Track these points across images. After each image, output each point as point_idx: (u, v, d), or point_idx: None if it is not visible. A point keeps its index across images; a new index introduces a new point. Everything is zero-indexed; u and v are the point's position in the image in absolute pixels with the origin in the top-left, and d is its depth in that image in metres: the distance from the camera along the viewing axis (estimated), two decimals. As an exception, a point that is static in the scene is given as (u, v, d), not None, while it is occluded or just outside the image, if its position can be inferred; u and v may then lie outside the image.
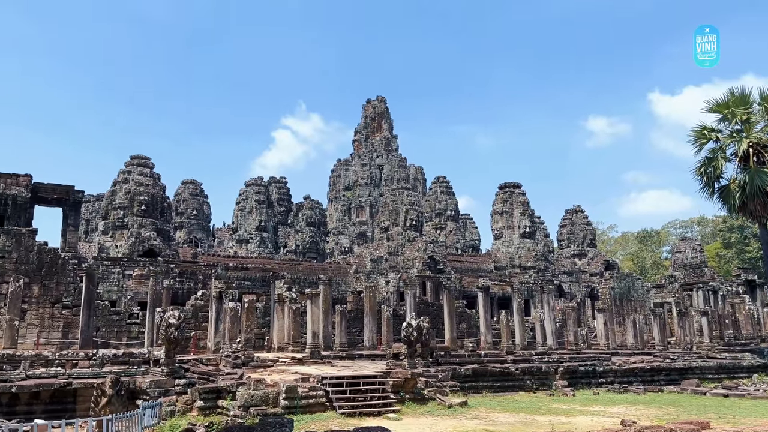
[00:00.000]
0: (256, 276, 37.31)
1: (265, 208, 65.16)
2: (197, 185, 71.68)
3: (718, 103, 28.05)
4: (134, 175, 44.75)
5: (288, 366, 20.48)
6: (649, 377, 26.26)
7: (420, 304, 33.40)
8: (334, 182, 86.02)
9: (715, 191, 28.92)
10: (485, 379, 22.38)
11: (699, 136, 28.78)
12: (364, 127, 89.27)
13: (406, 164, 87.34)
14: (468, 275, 48.53)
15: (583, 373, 24.80)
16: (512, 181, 58.73)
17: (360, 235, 75.14)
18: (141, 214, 42.97)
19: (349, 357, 24.21)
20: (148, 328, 24.60)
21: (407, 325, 20.26)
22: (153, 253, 40.14)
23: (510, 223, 57.36)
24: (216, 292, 25.06)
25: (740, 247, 68.34)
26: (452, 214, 72.35)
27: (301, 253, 62.71)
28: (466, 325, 34.45)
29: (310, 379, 16.43)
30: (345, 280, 44.91)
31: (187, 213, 68.56)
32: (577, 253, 61.08)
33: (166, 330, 17.43)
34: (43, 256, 26.63)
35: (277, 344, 26.94)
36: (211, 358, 21.81)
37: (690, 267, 51.79)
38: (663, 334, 34.02)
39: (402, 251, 52.88)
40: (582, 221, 63.63)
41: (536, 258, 54.71)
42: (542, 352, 27.33)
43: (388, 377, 17.52)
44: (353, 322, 30.16)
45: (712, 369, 28.26)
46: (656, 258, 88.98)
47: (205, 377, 17.57)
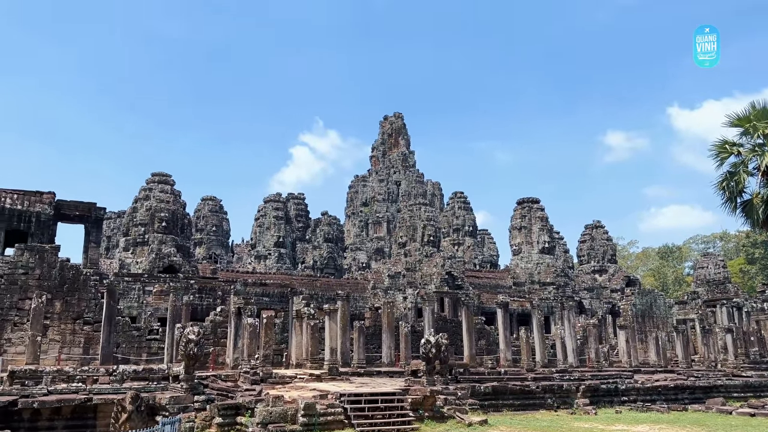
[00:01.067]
0: (275, 292, 37.43)
1: (283, 224, 65.53)
2: (216, 202, 72.38)
3: (739, 116, 27.67)
4: (155, 192, 45.32)
5: (306, 382, 20.44)
6: (673, 396, 25.75)
7: (438, 321, 33.21)
8: (351, 198, 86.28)
9: (737, 206, 28.46)
10: (505, 397, 22.12)
11: (720, 150, 28.39)
12: (381, 143, 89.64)
13: (423, 180, 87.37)
14: (486, 291, 48.17)
15: (605, 391, 24.40)
16: (531, 196, 58.42)
17: (377, 251, 75.12)
18: (161, 231, 43.43)
19: (367, 374, 24.10)
20: (168, 344, 24.75)
21: (425, 341, 20.13)
22: (173, 269, 40.48)
23: (529, 239, 56.95)
24: (235, 308, 25.16)
25: (764, 262, 67.06)
26: (470, 230, 72.06)
27: (319, 269, 62.83)
28: (485, 342, 34.14)
29: (328, 396, 16.37)
30: (363, 296, 44.84)
31: (206, 229, 69.18)
32: (598, 269, 60.37)
33: (185, 346, 17.51)
34: (65, 273, 26.99)
35: (296, 360, 26.91)
36: (229, 374, 21.85)
37: (713, 283, 50.90)
38: (686, 351, 33.39)
39: (420, 267, 52.72)
40: (602, 237, 62.96)
41: (556, 274, 54.17)
42: (563, 370, 26.96)
43: (407, 395, 17.39)
44: (371, 338, 30.05)
45: (738, 387, 27.64)
46: (678, 274, 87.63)
47: (224, 393, 17.60)
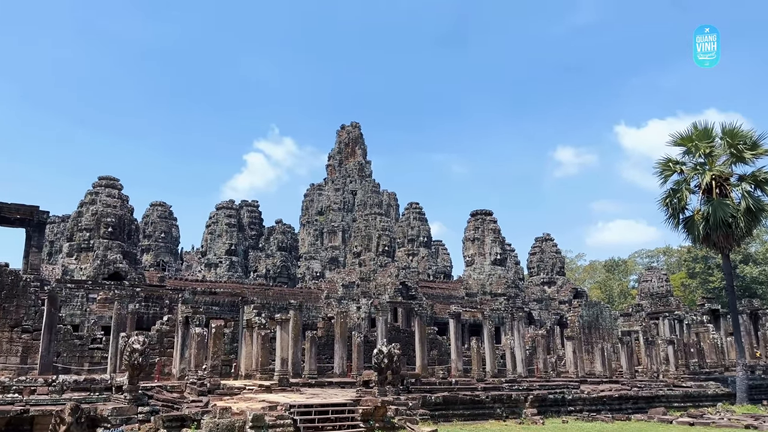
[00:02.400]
0: (225, 301, 36.74)
1: (235, 232, 64.51)
2: (166, 207, 70.71)
3: (682, 136, 28.98)
4: (102, 197, 43.99)
5: (255, 394, 20.07)
6: (617, 405, 26.42)
7: (391, 331, 33.23)
8: (306, 207, 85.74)
9: (680, 222, 29.71)
10: (456, 407, 22.25)
11: (664, 168, 29.65)
12: (338, 152, 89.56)
13: (379, 190, 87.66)
14: (439, 302, 48.54)
15: (552, 401, 24.84)
16: (484, 208, 59.35)
17: (332, 260, 74.79)
18: (107, 237, 42.15)
19: (318, 384, 23.86)
20: (112, 354, 23.92)
21: (378, 351, 20.09)
22: (119, 276, 39.29)
23: (481, 250, 57.78)
24: (182, 317, 24.55)
25: (704, 277, 69.83)
26: (424, 241, 72.61)
27: (272, 278, 62.06)
28: (437, 352, 34.33)
29: (277, 408, 16.11)
30: (316, 306, 44.50)
31: (155, 236, 67.45)
32: (547, 281, 61.67)
33: (130, 355, 16.98)
34: (3, 278, 25.80)
35: (245, 371, 26.41)
36: (176, 385, 21.27)
37: (656, 296, 52.66)
38: (630, 362, 34.37)
39: (374, 277, 52.75)
40: (551, 249, 64.41)
41: (507, 285, 55.09)
42: (512, 380, 27.33)
43: (358, 405, 17.28)
44: (323, 348, 29.81)
45: (678, 397, 28.58)
46: (623, 287, 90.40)
47: (170, 405, 17.11)
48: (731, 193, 27.98)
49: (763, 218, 28.92)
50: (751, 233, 31.65)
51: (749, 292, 63.79)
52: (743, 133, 27.79)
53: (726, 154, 28.16)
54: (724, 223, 26.94)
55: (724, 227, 27.12)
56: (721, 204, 27.07)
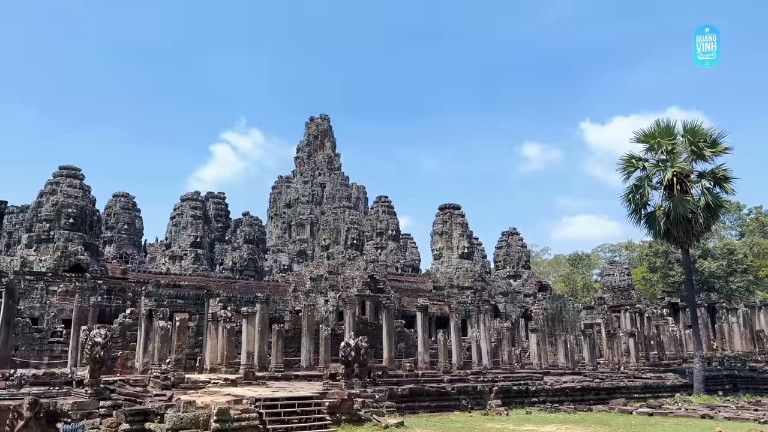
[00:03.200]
0: (190, 294, 36.20)
1: (201, 224, 63.53)
2: (129, 198, 69.20)
3: (645, 133, 29.60)
4: (62, 187, 42.85)
5: (221, 387, 19.88)
6: (580, 396, 26.97)
7: (359, 324, 33.25)
8: (274, 199, 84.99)
9: (642, 217, 30.38)
10: (422, 399, 22.41)
11: (627, 165, 30.23)
12: (307, 144, 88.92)
13: (348, 183, 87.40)
14: (407, 295, 48.72)
15: (516, 393, 25.22)
16: (452, 202, 59.69)
17: (300, 254, 74.37)
18: (68, 228, 41.12)
19: (285, 378, 23.76)
20: (73, 347, 23.40)
21: (345, 344, 20.09)
22: (80, 268, 38.37)
23: (449, 244, 58.16)
24: (146, 310, 24.15)
25: (665, 271, 71.67)
26: (393, 234, 72.75)
27: (239, 271, 61.36)
28: (404, 345, 34.51)
29: (243, 401, 15.98)
30: (283, 299, 44.21)
31: (117, 227, 66.00)
32: (513, 275, 62.49)
33: (91, 349, 16.63)
34: (-43, 270, 24.97)
35: (210, 365, 26.13)
36: (139, 379, 20.91)
37: (618, 290, 53.85)
38: (593, 354, 35.12)
39: (342, 270, 52.63)
40: (517, 243, 65.24)
41: (474, 278, 55.62)
42: (478, 372, 27.66)
43: (325, 398, 17.27)
44: (290, 341, 29.68)
45: (638, 388, 29.32)
46: (587, 280, 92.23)
47: (132, 399, 16.81)
48: (691, 190, 28.71)
49: (722, 214, 29.83)
50: (710, 229, 32.56)
51: (707, 286, 65.76)
52: (704, 131, 28.52)
53: (687, 151, 28.86)
54: (685, 218, 27.65)
55: (684, 223, 27.83)
56: (681, 200, 27.76)
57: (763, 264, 70.68)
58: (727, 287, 65.48)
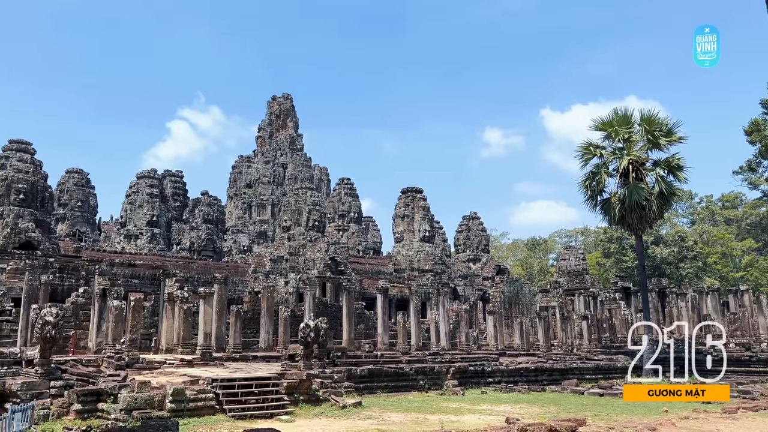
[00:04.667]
0: (146, 274, 35.50)
1: (157, 203, 62.17)
2: (83, 175, 67.15)
3: (603, 121, 30.13)
4: (12, 161, 41.29)
5: (176, 368, 19.64)
6: (534, 377, 27.65)
7: (319, 305, 33.23)
8: (234, 179, 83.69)
9: (597, 204, 31.02)
10: (380, 380, 22.62)
11: (585, 152, 30.76)
12: (269, 123, 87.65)
13: (310, 164, 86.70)
14: (368, 277, 48.90)
15: (472, 373, 25.69)
16: (414, 186, 59.93)
17: (260, 234, 73.62)
18: (18, 204, 39.74)
19: (243, 359, 23.62)
20: (22, 326, 22.67)
21: (305, 325, 20.04)
22: (30, 245, 37.18)
23: (411, 227, 58.49)
24: (99, 289, 23.57)
25: (618, 256, 73.71)
26: (355, 216, 72.68)
27: (197, 251, 60.39)
28: (364, 327, 34.68)
29: (199, 382, 15.83)
30: (243, 280, 43.80)
31: (71, 204, 64.06)
32: (472, 258, 63.29)
33: (41, 328, 16.15)
34: None
35: (166, 345, 25.75)
36: (92, 359, 20.47)
37: (573, 274, 55.12)
38: (547, 336, 35.98)
39: (303, 252, 52.39)
40: (477, 227, 66.03)
41: (434, 261, 56.14)
42: (435, 353, 28.03)
43: (283, 379, 17.25)
44: (249, 323, 29.46)
45: (590, 370, 30.21)
46: (543, 264, 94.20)
47: (85, 379, 16.46)
48: (646, 178, 29.42)
49: (674, 202, 30.66)
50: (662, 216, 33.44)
51: (659, 271, 67.96)
52: (660, 120, 29.19)
53: (643, 140, 29.51)
54: (639, 205, 28.35)
55: (639, 210, 28.54)
56: (636, 187, 28.44)
57: (712, 251, 73.40)
58: (677, 273, 67.78)
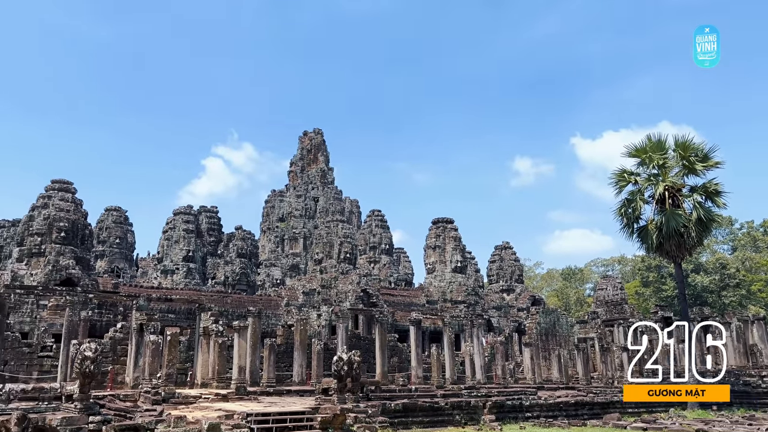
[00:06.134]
0: (181, 308, 35.97)
1: (193, 238, 63.32)
2: (122, 212, 68.93)
3: (636, 148, 29.78)
4: (54, 200, 42.66)
5: (212, 402, 19.68)
6: (574, 411, 26.85)
7: (352, 338, 33.07)
8: (267, 213, 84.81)
9: (634, 231, 30.47)
10: (415, 414, 22.25)
11: (619, 179, 30.38)
12: (300, 158, 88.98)
13: (341, 197, 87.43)
14: (401, 309, 48.57)
15: (510, 408, 25.08)
16: (445, 216, 59.82)
17: (293, 267, 74.09)
18: (60, 241, 40.87)
19: (277, 393, 23.55)
20: (62, 362, 23.14)
21: (338, 359, 19.93)
22: (71, 282, 38.08)
23: (442, 258, 58.18)
24: (137, 324, 23.92)
25: (657, 285, 71.84)
26: (386, 248, 72.68)
27: (231, 285, 61.06)
28: (397, 359, 34.31)
29: (234, 416, 15.82)
30: (276, 313, 43.96)
31: (109, 241, 65.65)
32: (506, 289, 62.46)
33: (81, 363, 16.40)
34: (-54, 284, 24.71)
35: (201, 380, 25.87)
36: (129, 393, 20.68)
37: (611, 304, 53.84)
38: (586, 368, 35.03)
39: (335, 284, 52.48)
40: (510, 257, 65.30)
41: (467, 292, 55.55)
42: (471, 387, 27.51)
43: (317, 413, 17.11)
44: (283, 356, 29.45)
45: (633, 404, 29.20)
46: (580, 294, 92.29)
47: (122, 414, 16.61)
48: (683, 204, 28.85)
49: (714, 229, 29.93)
50: (702, 243, 32.67)
51: (700, 300, 65.94)
52: (695, 145, 28.74)
53: (678, 165, 29.05)
54: (677, 232, 27.75)
55: (677, 237, 27.93)
56: (673, 214, 27.88)
57: (756, 278, 70.98)
58: (720, 301, 65.64)
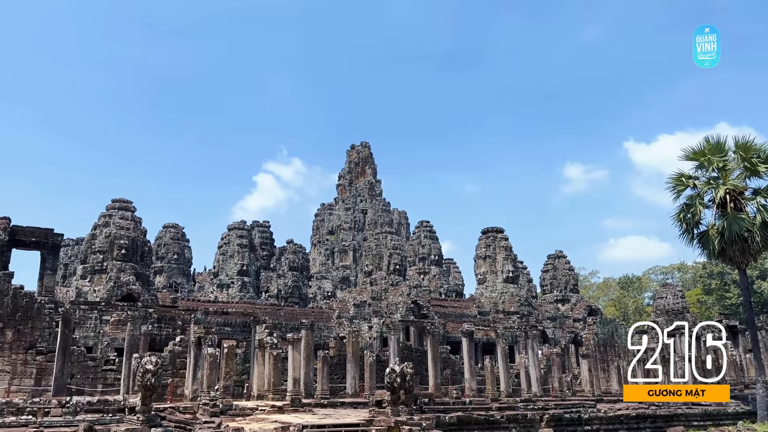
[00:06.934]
0: (237, 321, 36.69)
1: (247, 252, 64.69)
2: (179, 229, 71.09)
3: (694, 150, 28.72)
4: (115, 219, 44.35)
5: (268, 414, 19.95)
6: (635, 425, 25.96)
7: (403, 350, 32.99)
8: (317, 226, 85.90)
9: (694, 237, 29.30)
10: (470, 427, 21.95)
11: (677, 183, 29.34)
12: (348, 171, 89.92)
13: (389, 209, 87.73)
14: (452, 320, 48.16)
15: (568, 421, 24.44)
16: (495, 226, 59.11)
17: (343, 280, 74.65)
18: (121, 258, 42.40)
19: (330, 405, 23.68)
20: (125, 375, 23.93)
21: (390, 371, 19.88)
22: (132, 297, 39.42)
23: (493, 268, 57.45)
24: (195, 337, 24.54)
25: (720, 293, 68.88)
26: (436, 259, 72.34)
27: (284, 298, 61.97)
28: (450, 372, 34.00)
29: (290, 428, 15.98)
30: (327, 326, 44.32)
31: (167, 257, 67.75)
32: (560, 299, 61.10)
33: (142, 376, 16.93)
34: (18, 300, 25.98)
35: (257, 392, 26.29)
36: (188, 406, 21.19)
37: (672, 313, 51.92)
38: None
39: (385, 296, 52.53)
40: (564, 267, 63.91)
41: (520, 303, 54.61)
42: (527, 399, 26.98)
43: (371, 426, 17.12)
44: (335, 368, 29.63)
45: (698, 416, 28.05)
46: (638, 304, 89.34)
47: (182, 426, 17.03)
48: (746, 207, 27.61)
49: (780, 232, 28.48)
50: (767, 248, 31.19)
51: (767, 308, 62.83)
52: (757, 146, 27.49)
53: (740, 167, 27.84)
54: (740, 237, 26.57)
55: (740, 242, 26.73)
56: (736, 218, 26.73)
57: (828, 284, 67.18)
58: (789, 309, 62.41)
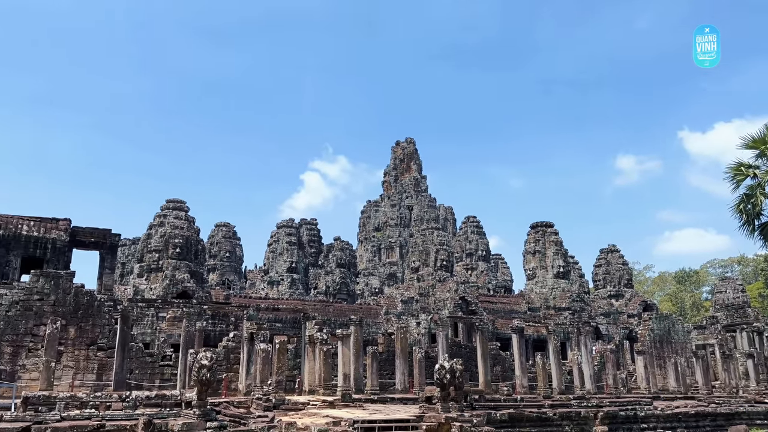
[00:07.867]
0: (287, 317, 37.30)
1: (296, 250, 65.64)
2: (230, 228, 72.75)
3: (754, 138, 27.44)
4: (170, 219, 45.66)
5: (319, 409, 20.21)
6: (694, 423, 25.10)
7: (452, 346, 32.84)
8: (363, 223, 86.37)
9: (755, 229, 28.01)
10: (522, 424, 21.68)
11: (736, 173, 28.11)
12: (393, 168, 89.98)
13: (435, 204, 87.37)
14: (501, 316, 47.66)
15: (623, 419, 23.84)
16: (544, 220, 58.07)
17: (390, 276, 74.85)
18: (175, 257, 43.63)
19: (380, 400, 23.80)
20: (181, 370, 24.65)
21: (440, 367, 19.84)
22: (186, 295, 40.55)
23: (543, 263, 56.50)
24: (247, 333, 25.07)
25: (784, 286, 65.90)
26: (483, 254, 71.71)
27: (332, 294, 62.65)
28: (500, 368, 33.67)
29: (341, 423, 16.14)
30: (375, 322, 44.54)
31: (220, 255, 69.44)
32: (614, 294, 59.62)
33: (198, 372, 17.38)
34: (79, 299, 27.10)
35: (308, 386, 26.65)
36: (242, 400, 21.67)
37: (732, 307, 50.00)
38: (706, 377, 32.67)
39: (433, 292, 52.42)
40: (617, 261, 62.32)
41: (571, 299, 53.56)
42: (580, 397, 26.45)
43: (422, 421, 17.12)
44: (384, 364, 29.75)
45: (761, 414, 26.90)
46: (696, 298, 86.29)
47: (237, 420, 17.42)
48: (811, 197, 26.31)
49: None
50: (833, 239, 29.62)
51: (836, 302, 59.72)
52: (821, 132, 26.15)
53: (803, 155, 26.55)
54: (804, 228, 25.34)
55: (805, 233, 25.50)
56: (800, 208, 25.50)
57: None
58: None
